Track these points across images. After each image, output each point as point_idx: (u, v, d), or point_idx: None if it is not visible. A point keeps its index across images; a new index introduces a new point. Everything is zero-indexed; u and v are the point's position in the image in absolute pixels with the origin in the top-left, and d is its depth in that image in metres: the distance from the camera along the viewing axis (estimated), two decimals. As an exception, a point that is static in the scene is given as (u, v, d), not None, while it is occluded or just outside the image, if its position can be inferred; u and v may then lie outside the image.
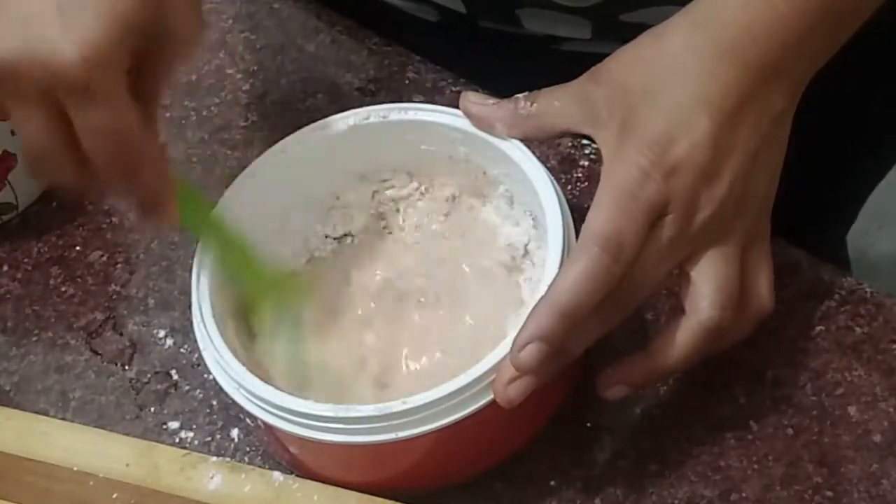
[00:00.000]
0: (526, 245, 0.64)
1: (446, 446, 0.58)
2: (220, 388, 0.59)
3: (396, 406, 0.56)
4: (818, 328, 0.64)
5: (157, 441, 0.65)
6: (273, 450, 0.63)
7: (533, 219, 0.63)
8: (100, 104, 0.53)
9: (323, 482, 0.60)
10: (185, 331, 0.69)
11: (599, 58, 0.77)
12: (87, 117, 0.53)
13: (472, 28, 0.78)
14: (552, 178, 0.61)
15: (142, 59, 0.55)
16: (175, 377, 0.67)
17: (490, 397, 0.56)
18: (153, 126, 0.57)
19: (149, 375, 0.68)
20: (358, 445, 0.57)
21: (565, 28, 0.74)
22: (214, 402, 0.66)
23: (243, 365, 0.58)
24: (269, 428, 0.58)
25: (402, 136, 0.65)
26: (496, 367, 0.56)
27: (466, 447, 0.59)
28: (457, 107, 0.63)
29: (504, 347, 0.56)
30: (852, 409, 0.62)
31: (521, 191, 0.63)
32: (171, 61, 0.57)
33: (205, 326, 0.60)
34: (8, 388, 0.68)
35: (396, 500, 0.59)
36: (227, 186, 0.64)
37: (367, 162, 0.66)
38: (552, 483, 0.61)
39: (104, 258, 0.73)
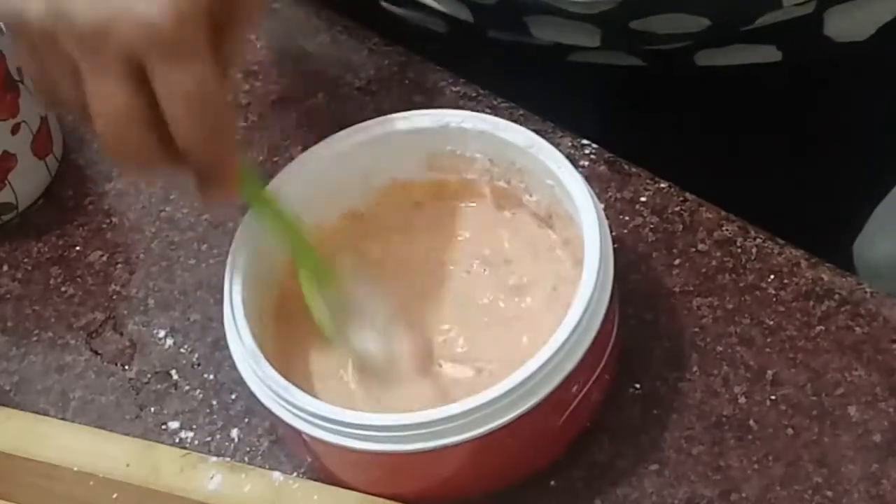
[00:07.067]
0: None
1: (453, 464, 0.58)
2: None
3: (391, 419, 0.56)
4: (818, 328, 0.64)
5: (157, 441, 0.65)
6: (288, 445, 0.64)
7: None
8: (188, 61, 0.52)
9: (340, 485, 0.60)
10: (185, 331, 0.69)
11: (606, 68, 0.77)
12: (174, 76, 0.53)
13: (481, 38, 0.78)
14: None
15: (217, 24, 0.55)
16: (175, 377, 0.68)
17: (493, 424, 0.56)
18: (230, 99, 0.56)
19: (149, 375, 0.68)
20: (353, 451, 0.57)
21: (574, 35, 0.74)
22: (214, 402, 0.66)
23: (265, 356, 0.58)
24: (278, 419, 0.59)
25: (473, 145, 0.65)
26: (487, 404, 0.55)
27: (476, 466, 0.59)
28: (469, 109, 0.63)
29: (513, 379, 0.55)
30: (852, 409, 0.62)
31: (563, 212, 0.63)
32: (242, 27, 0.57)
33: (235, 324, 0.59)
34: (8, 388, 0.68)
35: (396, 500, 0.59)
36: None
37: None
38: (552, 483, 0.61)
39: (104, 258, 0.73)
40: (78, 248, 0.73)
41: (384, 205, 0.67)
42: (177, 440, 0.65)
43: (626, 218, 0.69)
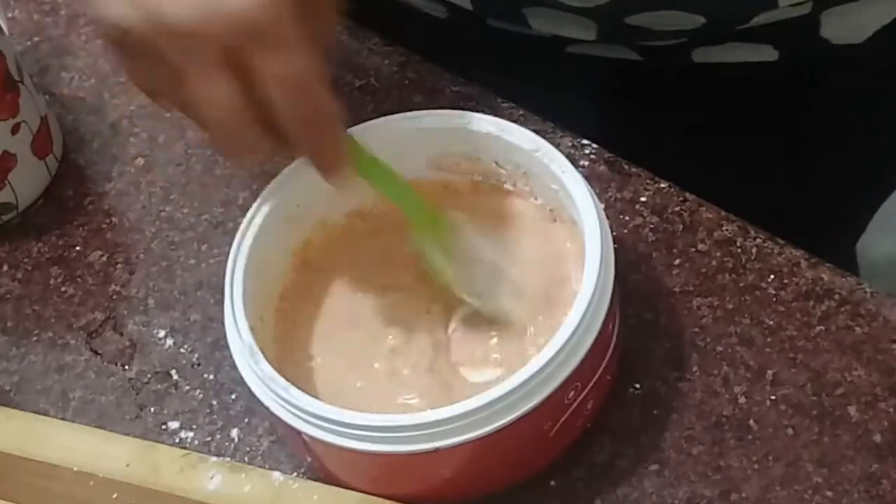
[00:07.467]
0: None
1: (453, 465, 0.58)
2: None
3: (391, 419, 0.55)
4: (818, 328, 0.64)
5: (157, 441, 0.65)
6: (288, 445, 0.63)
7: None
8: (286, 47, 0.53)
9: (340, 485, 0.60)
10: (185, 331, 0.69)
11: (603, 61, 0.77)
12: (274, 63, 0.53)
13: (481, 27, 0.78)
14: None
15: (304, 7, 0.54)
16: (175, 377, 0.68)
17: (494, 425, 0.56)
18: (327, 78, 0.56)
19: (149, 375, 0.68)
20: (353, 451, 0.57)
21: (571, 28, 0.74)
22: (214, 402, 0.66)
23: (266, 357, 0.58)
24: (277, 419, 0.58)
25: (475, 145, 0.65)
26: (487, 405, 0.55)
27: (477, 467, 0.59)
28: (469, 109, 0.63)
29: (510, 382, 0.55)
30: (852, 409, 0.62)
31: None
32: (326, 5, 0.57)
33: (235, 323, 0.59)
34: (8, 388, 0.68)
35: (396, 500, 0.59)
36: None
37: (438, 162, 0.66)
38: (552, 483, 0.61)
39: (104, 258, 0.73)
40: (78, 248, 0.73)
41: (391, 203, 0.67)
42: (177, 440, 0.65)
43: (626, 218, 0.69)
